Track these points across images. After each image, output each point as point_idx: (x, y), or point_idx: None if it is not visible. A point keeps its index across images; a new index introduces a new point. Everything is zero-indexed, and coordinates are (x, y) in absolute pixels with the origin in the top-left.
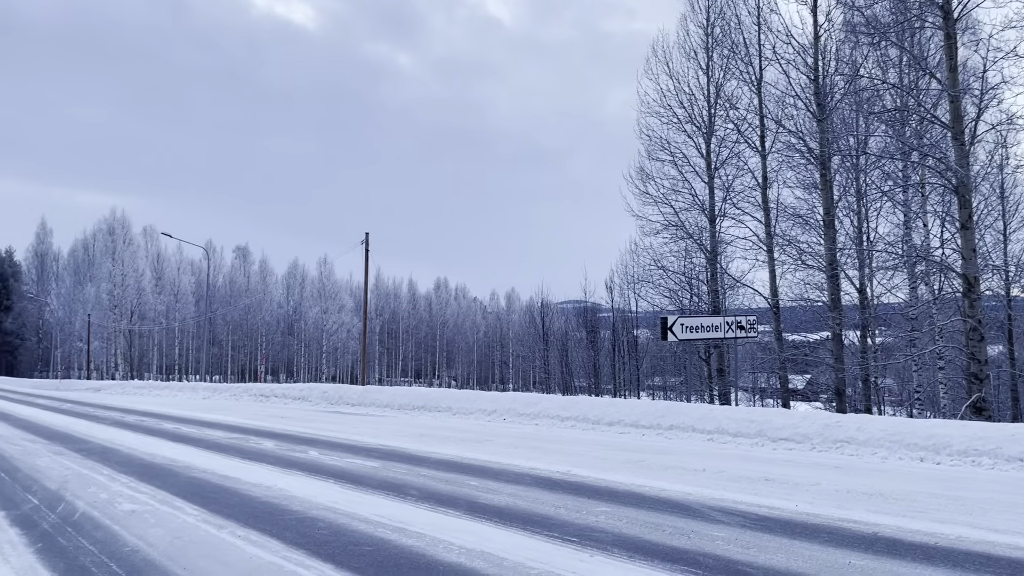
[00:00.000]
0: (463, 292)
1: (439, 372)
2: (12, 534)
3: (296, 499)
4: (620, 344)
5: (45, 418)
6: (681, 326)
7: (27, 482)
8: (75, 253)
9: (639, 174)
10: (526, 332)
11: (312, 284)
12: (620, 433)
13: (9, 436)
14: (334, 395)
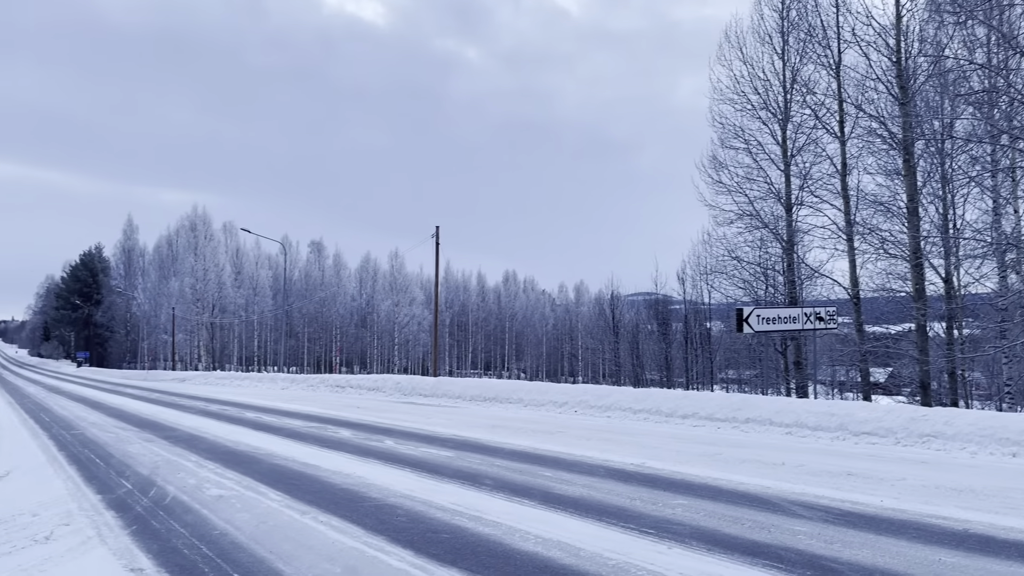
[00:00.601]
0: (531, 285)
1: (508, 364)
2: (108, 517)
3: (374, 487)
4: (692, 336)
5: (134, 407)
6: (757, 317)
7: (120, 467)
8: (160, 249)
9: (712, 163)
10: (595, 324)
11: (384, 277)
12: (694, 426)
13: (103, 424)
14: (407, 386)
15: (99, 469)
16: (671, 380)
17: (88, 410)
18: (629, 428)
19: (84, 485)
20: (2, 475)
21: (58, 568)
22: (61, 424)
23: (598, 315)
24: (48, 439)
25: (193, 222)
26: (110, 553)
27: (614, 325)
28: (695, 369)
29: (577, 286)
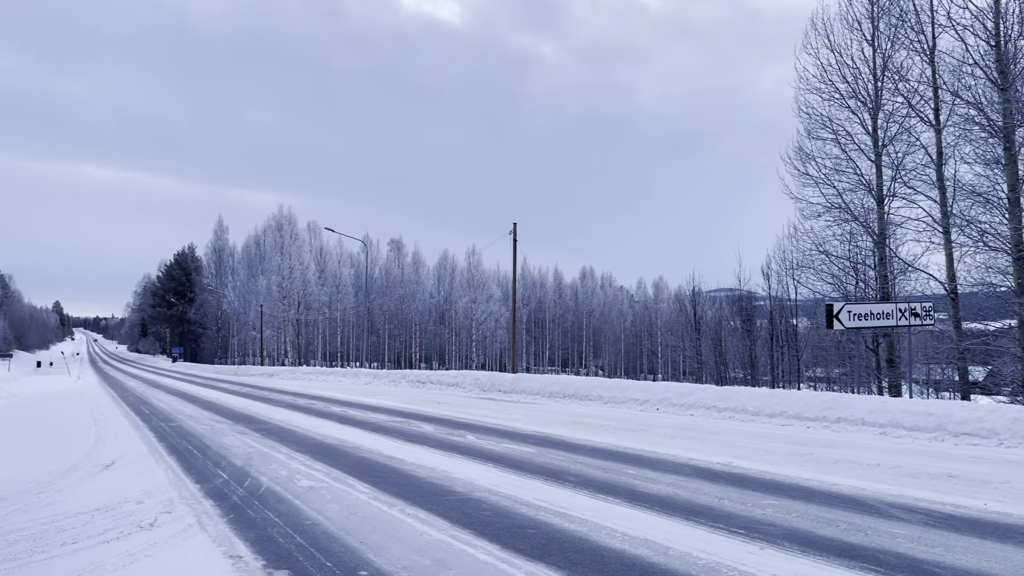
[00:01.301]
0: (609, 281)
1: (586, 361)
2: (207, 505)
3: (458, 481)
4: (778, 333)
5: (227, 400)
6: (848, 314)
7: (216, 458)
8: (248, 248)
9: (798, 154)
10: (676, 321)
11: (461, 274)
12: (782, 425)
13: (198, 417)
14: (486, 382)
15: (197, 460)
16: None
17: (184, 403)
18: (713, 427)
19: (183, 475)
20: (108, 464)
21: (162, 553)
22: (160, 416)
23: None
24: (148, 431)
25: (279, 222)
26: (210, 540)
27: (695, 321)
28: (781, 367)
29: (656, 282)
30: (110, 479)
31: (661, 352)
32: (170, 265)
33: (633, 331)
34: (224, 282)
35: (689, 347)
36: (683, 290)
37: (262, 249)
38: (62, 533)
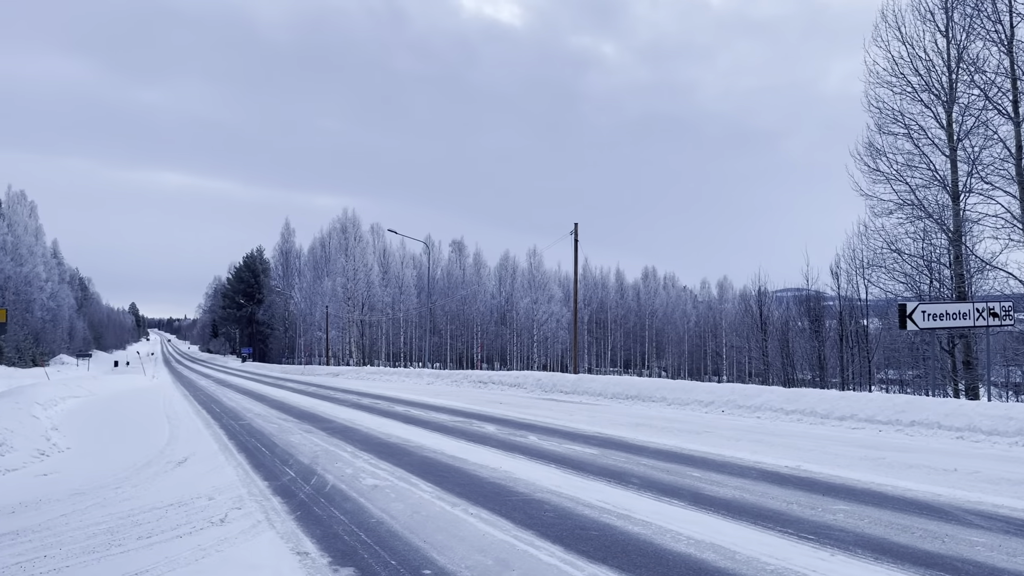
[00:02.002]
0: (672, 281)
1: (648, 362)
2: (275, 502)
3: (521, 481)
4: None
5: (294, 400)
6: (923, 314)
7: (284, 456)
8: (314, 250)
9: (868, 150)
10: (741, 322)
11: (522, 275)
12: (852, 428)
13: (267, 415)
14: (548, 383)
15: (265, 457)
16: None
17: (253, 402)
18: (781, 429)
19: (252, 472)
20: (181, 461)
21: (232, 548)
22: (230, 415)
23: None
24: (219, 428)
25: (344, 224)
26: (278, 536)
27: (762, 322)
28: (850, 369)
29: (720, 282)
30: (183, 475)
31: (726, 353)
32: (239, 267)
33: (697, 332)
34: (291, 284)
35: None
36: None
37: (327, 251)
38: (138, 527)
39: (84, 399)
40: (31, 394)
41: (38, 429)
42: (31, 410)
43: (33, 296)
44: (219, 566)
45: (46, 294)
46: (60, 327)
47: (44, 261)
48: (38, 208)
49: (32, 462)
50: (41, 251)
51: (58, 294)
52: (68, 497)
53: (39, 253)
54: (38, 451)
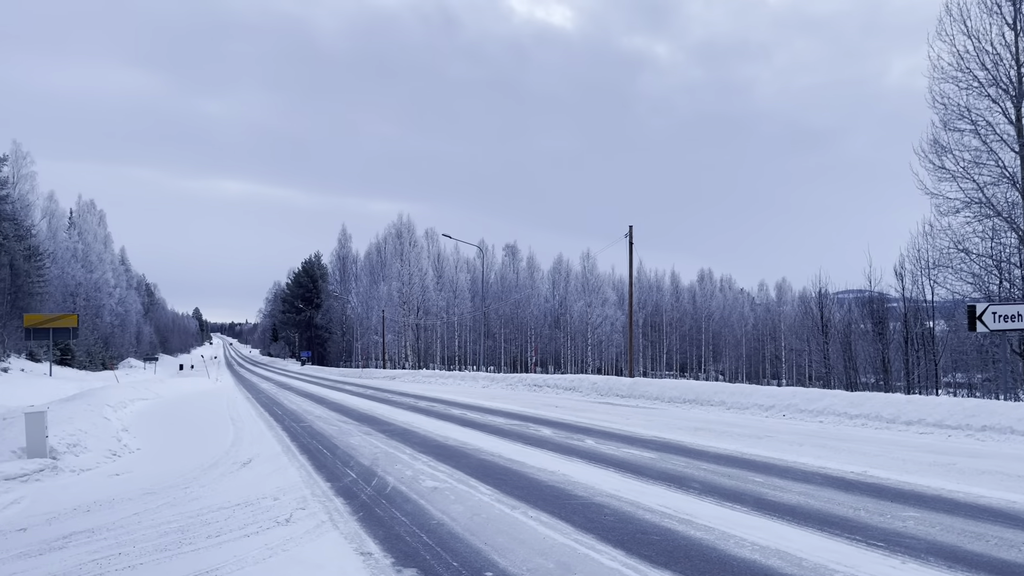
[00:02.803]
0: (728, 283)
1: (705, 366)
2: (338, 503)
3: (579, 485)
4: (912, 336)
5: (353, 402)
6: (993, 315)
7: (345, 458)
8: (370, 255)
9: (933, 147)
10: (800, 324)
11: (576, 278)
12: (920, 433)
13: (327, 418)
14: (603, 386)
15: (326, 459)
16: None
17: (313, 404)
18: (845, 434)
19: (315, 473)
20: (246, 462)
21: (299, 548)
22: (291, 417)
23: (803, 314)
24: (281, 430)
25: (399, 230)
26: (342, 537)
27: (823, 324)
28: (916, 372)
29: (779, 284)
30: (248, 476)
31: (785, 356)
32: (298, 273)
33: (755, 335)
34: (348, 288)
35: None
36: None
37: (383, 256)
38: (207, 526)
39: (152, 401)
40: (102, 396)
41: (109, 430)
42: (102, 412)
43: (102, 302)
44: (286, 565)
45: (115, 300)
46: (128, 331)
47: (113, 268)
48: (107, 217)
49: (104, 462)
50: (110, 258)
51: (126, 300)
52: (140, 496)
53: (108, 260)
54: (110, 451)
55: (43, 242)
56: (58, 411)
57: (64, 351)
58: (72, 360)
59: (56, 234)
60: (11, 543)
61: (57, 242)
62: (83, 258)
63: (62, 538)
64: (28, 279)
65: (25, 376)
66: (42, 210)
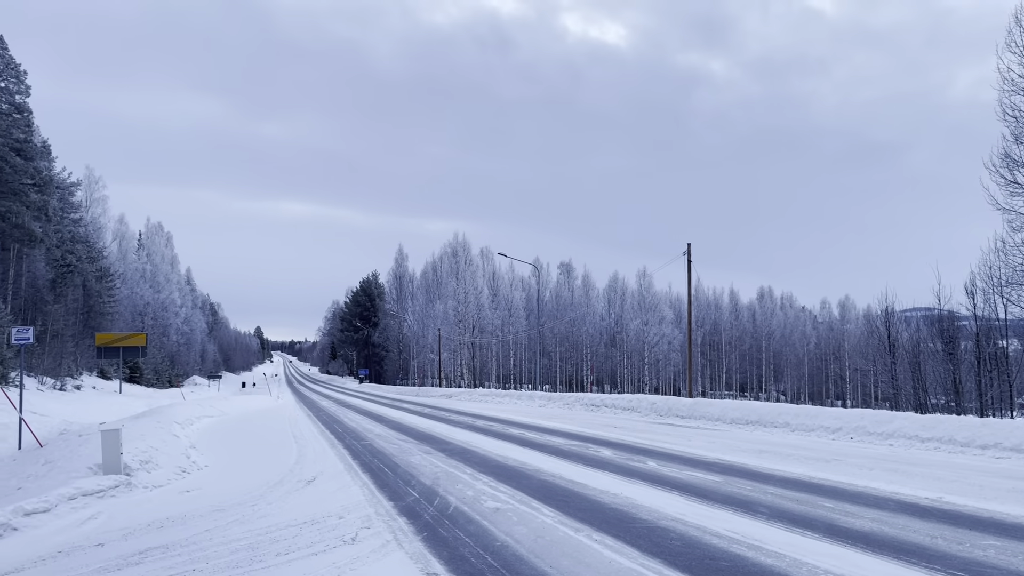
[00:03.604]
0: (789, 301)
1: (766, 386)
2: (401, 523)
3: (643, 508)
4: (985, 356)
5: (411, 421)
6: None
7: (406, 476)
8: (426, 274)
9: (1004, 161)
10: (865, 343)
11: (632, 297)
12: (996, 458)
13: (386, 436)
14: (663, 407)
15: (388, 478)
16: (960, 405)
17: (372, 423)
18: (916, 458)
19: (377, 492)
20: (310, 480)
21: (366, 567)
22: (352, 435)
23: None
24: (343, 448)
25: (455, 248)
26: (407, 557)
27: (890, 344)
28: (989, 393)
29: (842, 302)
30: (313, 494)
31: (849, 376)
32: (356, 292)
33: (817, 354)
34: (404, 307)
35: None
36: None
37: (439, 275)
38: (275, 544)
39: (217, 418)
40: (170, 414)
41: (179, 447)
42: (171, 429)
43: (169, 321)
44: None
45: (180, 319)
46: (193, 350)
47: (179, 288)
48: (173, 238)
49: (175, 479)
50: (176, 278)
51: (191, 319)
52: (210, 513)
53: (174, 280)
54: (180, 468)
55: (114, 263)
56: (130, 428)
57: (133, 369)
58: (140, 378)
59: (126, 255)
60: (90, 558)
61: (127, 263)
62: (151, 278)
63: (138, 553)
64: (99, 299)
65: (96, 393)
66: (113, 232)
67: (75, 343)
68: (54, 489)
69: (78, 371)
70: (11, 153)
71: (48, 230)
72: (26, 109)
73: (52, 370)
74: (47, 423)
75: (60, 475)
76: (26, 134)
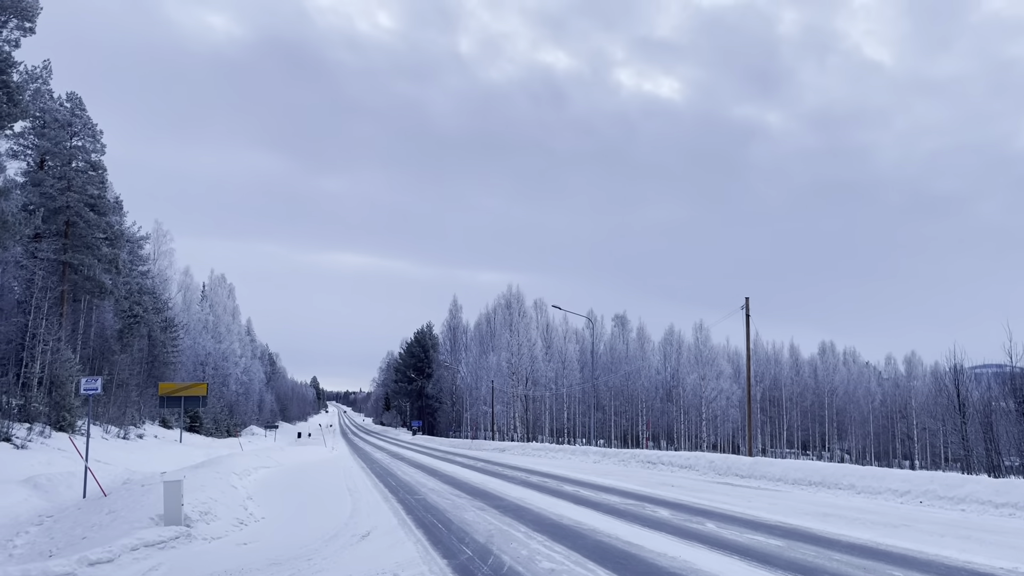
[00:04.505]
0: (852, 356)
1: (829, 444)
2: None
3: (702, 573)
4: None
5: (464, 475)
6: None
7: (460, 533)
8: (479, 326)
9: None
10: (934, 402)
11: (688, 350)
12: None
13: (440, 490)
14: (721, 465)
15: (442, 534)
16: None
17: (426, 476)
18: (990, 524)
19: (431, 549)
20: (364, 535)
21: None
22: (405, 489)
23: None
24: (396, 502)
25: (508, 300)
26: None
27: (959, 403)
28: None
29: (908, 358)
30: (367, 549)
31: (917, 435)
32: (410, 343)
33: (883, 411)
34: (458, 358)
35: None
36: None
37: (492, 326)
38: None
39: (273, 469)
40: (229, 464)
41: (236, 499)
42: (229, 480)
43: (229, 371)
44: None
45: (240, 369)
46: (251, 400)
47: (239, 338)
48: (235, 290)
49: (233, 531)
50: (237, 329)
51: (250, 369)
52: (266, 567)
53: (235, 331)
54: (237, 520)
55: (178, 314)
56: (190, 479)
57: (193, 418)
58: (200, 427)
59: (190, 307)
60: None
61: (190, 314)
62: (213, 329)
63: None
64: (163, 349)
65: (158, 442)
66: (178, 284)
67: (139, 392)
68: (117, 539)
69: (141, 420)
70: (86, 209)
71: (117, 282)
72: (101, 166)
73: (117, 419)
74: (111, 471)
75: (123, 525)
76: (100, 190)
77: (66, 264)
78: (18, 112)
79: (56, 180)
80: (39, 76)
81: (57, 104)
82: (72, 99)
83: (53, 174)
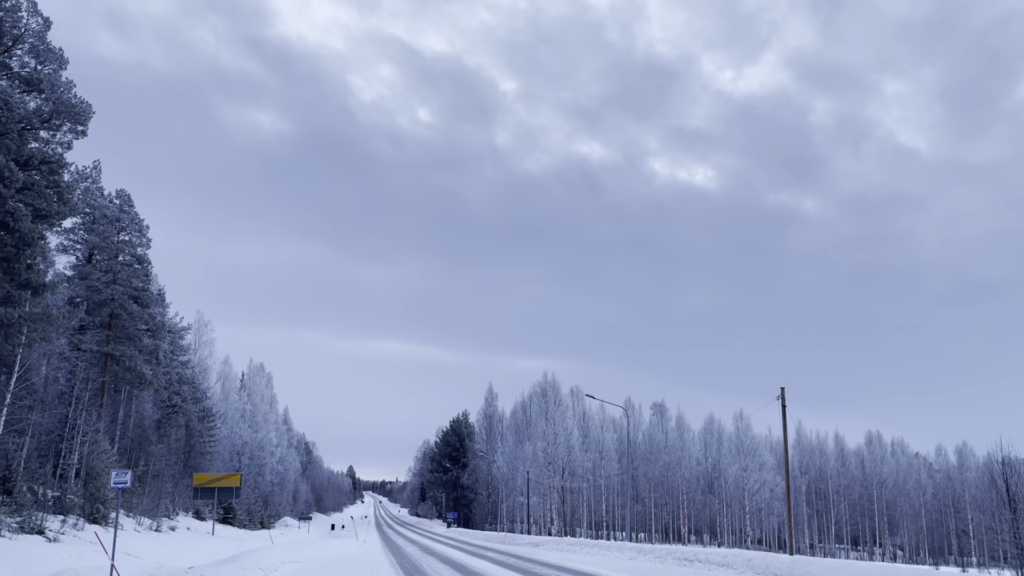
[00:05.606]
0: (901, 447)
1: (880, 539)
2: None
3: None
4: None
5: (494, 572)
6: None
7: None
8: (515, 414)
9: None
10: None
11: (729, 440)
12: None
13: None
14: (759, 564)
15: None
16: None
17: (455, 574)
18: None
19: None
20: None
21: None
22: None
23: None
24: None
25: (544, 388)
26: None
27: (1009, 498)
28: None
29: (959, 448)
30: None
31: (973, 531)
32: (446, 431)
33: (935, 505)
34: (494, 447)
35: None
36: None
37: (528, 415)
38: None
39: (302, 564)
40: (256, 559)
41: None
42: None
43: (265, 460)
44: None
45: (276, 458)
46: (286, 490)
47: (276, 427)
48: (273, 379)
49: None
50: (274, 418)
51: (286, 458)
52: None
53: (272, 420)
54: None
55: (216, 404)
56: (215, 574)
57: (227, 509)
58: (233, 519)
59: (228, 396)
60: None
61: (228, 403)
62: (250, 418)
63: None
64: (200, 439)
65: (190, 534)
66: (217, 373)
67: (174, 483)
68: None
69: (175, 511)
70: (130, 301)
71: (158, 373)
72: (146, 260)
73: (150, 510)
74: (140, 565)
75: None
76: (144, 283)
77: (108, 355)
78: (67, 210)
79: (102, 273)
80: (89, 176)
81: (106, 201)
82: (121, 196)
83: (100, 267)
